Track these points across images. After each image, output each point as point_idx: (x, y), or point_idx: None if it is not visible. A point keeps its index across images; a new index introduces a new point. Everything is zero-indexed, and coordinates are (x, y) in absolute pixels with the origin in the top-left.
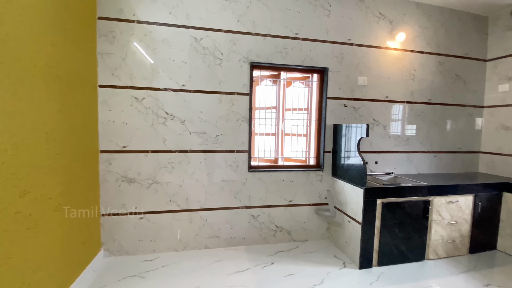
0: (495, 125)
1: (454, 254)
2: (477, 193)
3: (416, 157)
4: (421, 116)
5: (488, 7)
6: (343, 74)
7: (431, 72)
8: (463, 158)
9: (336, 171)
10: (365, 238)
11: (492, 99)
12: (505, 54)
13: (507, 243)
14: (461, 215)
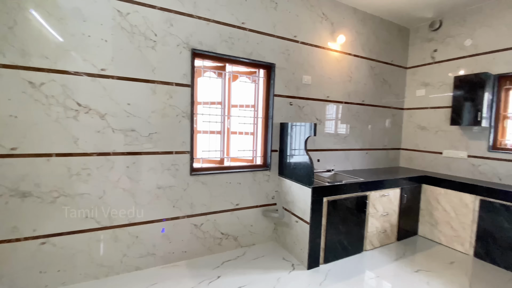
0: (413, 125)
1: (386, 243)
2: (403, 186)
3: (352, 154)
4: (356, 116)
5: (410, 20)
6: (289, 72)
7: (365, 75)
8: (388, 154)
9: (283, 170)
10: (313, 238)
11: (411, 102)
12: (423, 63)
13: (426, 229)
14: (391, 206)
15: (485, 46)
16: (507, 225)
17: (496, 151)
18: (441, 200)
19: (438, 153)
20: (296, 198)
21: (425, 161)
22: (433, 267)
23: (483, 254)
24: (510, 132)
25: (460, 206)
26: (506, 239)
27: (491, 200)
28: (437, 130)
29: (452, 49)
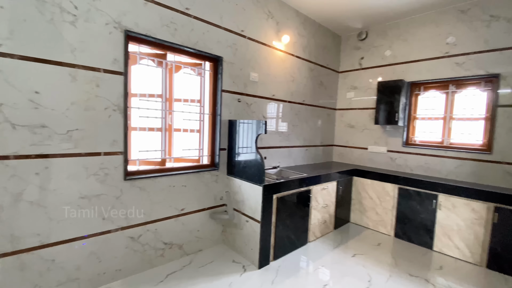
0: (344, 124)
1: (326, 232)
2: (339, 179)
3: (294, 151)
4: (298, 115)
5: (342, 28)
6: (237, 67)
7: (305, 76)
8: (323, 150)
9: (232, 170)
10: (264, 236)
11: (342, 103)
12: (352, 68)
13: (356, 216)
14: (330, 198)
15: (401, 57)
16: (419, 208)
17: (408, 146)
18: (368, 190)
19: (364, 148)
20: (246, 197)
21: (354, 156)
22: (365, 250)
23: (401, 234)
24: (418, 130)
25: (383, 194)
26: (418, 220)
27: (407, 187)
28: (364, 129)
29: (376, 58)
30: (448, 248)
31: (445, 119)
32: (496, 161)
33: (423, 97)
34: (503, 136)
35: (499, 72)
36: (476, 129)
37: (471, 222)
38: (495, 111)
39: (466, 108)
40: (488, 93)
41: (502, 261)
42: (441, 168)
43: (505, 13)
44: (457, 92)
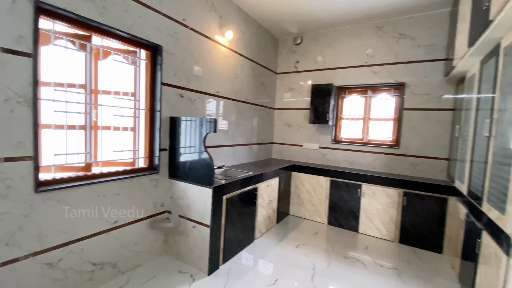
0: (282, 122)
1: (270, 227)
2: (281, 175)
3: (238, 150)
4: (242, 113)
5: (279, 31)
6: (179, 59)
7: (248, 75)
8: (264, 148)
9: (175, 172)
10: (213, 240)
11: (280, 103)
12: (288, 70)
13: (295, 209)
14: (273, 194)
15: (331, 64)
16: (347, 197)
17: (336, 143)
18: (305, 183)
19: (300, 145)
20: (193, 201)
21: (291, 152)
22: (306, 240)
23: (333, 221)
24: (344, 129)
25: (318, 186)
26: (347, 207)
27: (337, 179)
28: (299, 127)
29: (309, 63)
30: (370, 229)
31: (364, 119)
32: (402, 154)
33: (347, 100)
34: (407, 134)
35: (405, 81)
36: (388, 128)
37: (387, 205)
38: (402, 113)
39: (380, 110)
40: (396, 98)
41: (410, 237)
42: (362, 161)
43: (410, 32)
44: (373, 97)
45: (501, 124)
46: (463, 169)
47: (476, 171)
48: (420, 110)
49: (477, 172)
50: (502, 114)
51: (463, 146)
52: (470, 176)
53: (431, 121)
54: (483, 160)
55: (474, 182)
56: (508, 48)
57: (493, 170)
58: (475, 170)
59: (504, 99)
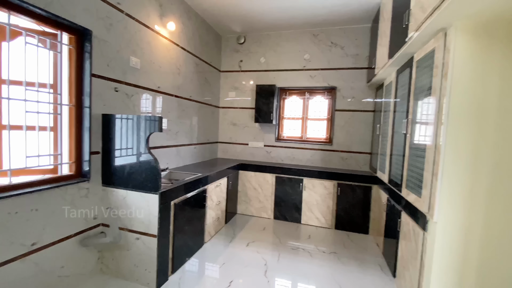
0: (227, 121)
1: (219, 229)
2: (229, 174)
3: (183, 150)
4: (185, 111)
5: (222, 28)
6: (113, 48)
7: (191, 71)
8: (210, 148)
9: (111, 179)
10: (162, 251)
11: (225, 102)
12: (232, 69)
13: (243, 207)
14: (222, 194)
15: (273, 65)
16: (291, 191)
17: (279, 141)
18: (252, 181)
19: (245, 144)
20: (135, 210)
21: (237, 151)
22: (255, 237)
23: (279, 215)
24: (286, 128)
25: (264, 183)
26: (290, 201)
27: (282, 175)
28: (245, 126)
29: (253, 63)
30: (311, 219)
31: (303, 119)
32: (334, 150)
33: (288, 101)
34: (338, 132)
35: (336, 85)
36: (322, 127)
37: (325, 196)
38: (334, 114)
39: (316, 111)
40: (329, 100)
41: (344, 222)
42: (302, 157)
43: (340, 42)
44: (310, 98)
45: (414, 123)
46: (384, 162)
47: (395, 163)
48: (348, 111)
49: (396, 163)
50: (415, 115)
51: (384, 142)
52: (390, 167)
53: (357, 121)
54: (401, 154)
55: (394, 172)
56: (420, 61)
57: (410, 161)
58: (394, 162)
59: (416, 103)
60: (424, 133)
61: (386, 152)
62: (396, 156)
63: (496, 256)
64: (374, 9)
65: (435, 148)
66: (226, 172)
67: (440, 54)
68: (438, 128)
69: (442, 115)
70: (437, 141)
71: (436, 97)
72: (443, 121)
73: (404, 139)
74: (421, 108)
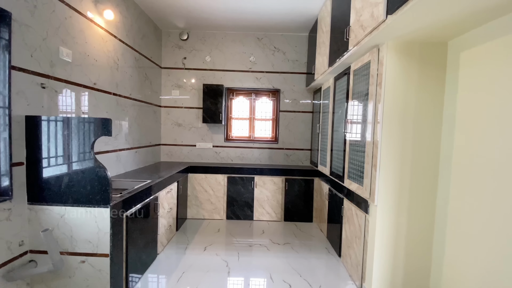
0: (171, 122)
1: (171, 237)
2: (179, 178)
3: (123, 155)
4: (125, 111)
5: (164, 22)
6: (38, 35)
7: (131, 66)
8: (152, 151)
9: (41, 194)
10: (115, 272)
11: (168, 100)
12: (175, 66)
13: (193, 211)
14: (173, 200)
15: (219, 65)
16: (243, 190)
17: (228, 141)
18: (203, 183)
19: (192, 145)
20: (78, 229)
21: (183, 153)
22: (211, 240)
23: (232, 215)
24: (234, 128)
25: (216, 185)
26: (242, 200)
27: (233, 175)
28: (191, 127)
29: (198, 61)
30: (263, 215)
31: (250, 119)
32: (280, 148)
33: (236, 101)
34: (283, 131)
35: (280, 88)
36: (268, 127)
37: (274, 192)
38: (278, 114)
39: (262, 111)
40: (273, 101)
41: (291, 214)
42: (251, 156)
43: (282, 47)
44: (257, 99)
45: (352, 123)
46: (325, 157)
47: (336, 157)
48: (291, 112)
49: (337, 158)
50: (353, 116)
51: (324, 139)
52: (331, 161)
53: (298, 121)
54: (341, 149)
55: (335, 165)
56: (357, 70)
57: (350, 155)
58: (335, 157)
59: (353, 106)
60: (363, 131)
61: (326, 148)
62: (337, 152)
63: (418, 229)
64: (312, 20)
65: (373, 144)
66: (175, 176)
67: (375, 66)
68: (375, 127)
69: (378, 116)
70: (374, 138)
71: (373, 101)
72: (379, 121)
73: (344, 137)
74: (358, 110)
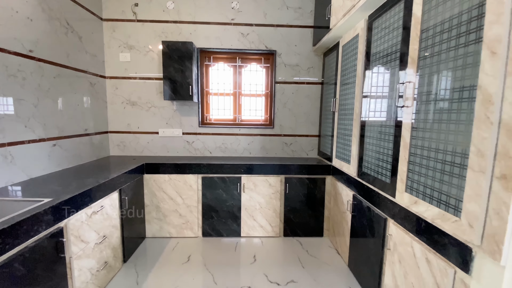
0: (121, 99)
1: (110, 278)
2: (123, 185)
3: (21, 152)
4: (21, 78)
5: None
6: None
7: (53, 17)
8: (92, 142)
9: None
10: None
11: (114, 68)
12: (123, 17)
13: (154, 227)
14: (110, 222)
15: (187, 15)
16: (225, 196)
17: (205, 126)
18: (167, 188)
19: (154, 133)
20: None
21: (141, 144)
22: (175, 279)
23: (210, 231)
24: (212, 107)
25: (185, 189)
26: (225, 209)
27: (211, 175)
28: (150, 106)
29: (156, 9)
30: (254, 229)
31: (235, 95)
32: (277, 134)
33: (214, 70)
34: (281, 111)
35: (275, 48)
36: (260, 105)
37: (270, 197)
38: (274, 88)
39: (251, 84)
40: (266, 69)
41: (294, 226)
42: (237, 147)
43: None
44: (244, 67)
45: (420, 93)
46: (347, 147)
47: (372, 149)
48: (292, 84)
49: (373, 150)
50: (419, 80)
51: (344, 120)
52: (362, 154)
53: (302, 96)
54: (388, 136)
55: (370, 162)
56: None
57: (412, 150)
58: (370, 148)
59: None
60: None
61: (350, 134)
62: (373, 140)
63: None
64: None
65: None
66: (115, 183)
67: None
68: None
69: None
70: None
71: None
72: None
73: (395, 115)
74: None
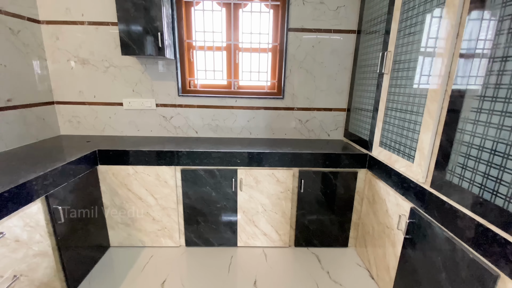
0: (66, 55)
1: None
2: (53, 189)
3: None
4: None
5: None
6: None
7: None
8: (25, 117)
9: None
10: None
11: (50, 8)
12: None
13: (120, 235)
14: (26, 252)
15: None
16: (214, 195)
17: (187, 95)
18: (132, 185)
19: (117, 104)
20: None
21: (101, 119)
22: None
23: (196, 239)
24: (198, 68)
25: (158, 186)
26: (215, 212)
27: (194, 167)
28: (108, 66)
29: None
30: (255, 238)
31: (230, 49)
32: (288, 107)
33: (197, 11)
34: (294, 73)
35: None
36: (264, 65)
37: (277, 196)
38: (286, 38)
39: (253, 33)
40: (275, 10)
41: (309, 234)
42: (233, 125)
43: None
44: (241, 6)
45: None
46: (411, 133)
47: (479, 147)
48: (312, 32)
49: (488, 149)
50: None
51: (403, 90)
52: (446, 150)
53: (325, 51)
54: None
55: (465, 165)
56: None
57: None
58: (467, 143)
59: None
60: None
61: (422, 111)
62: (491, 130)
63: None
64: None
65: None
66: (35, 188)
67: None
68: None
69: None
70: None
71: None
72: None
73: None
74: None
